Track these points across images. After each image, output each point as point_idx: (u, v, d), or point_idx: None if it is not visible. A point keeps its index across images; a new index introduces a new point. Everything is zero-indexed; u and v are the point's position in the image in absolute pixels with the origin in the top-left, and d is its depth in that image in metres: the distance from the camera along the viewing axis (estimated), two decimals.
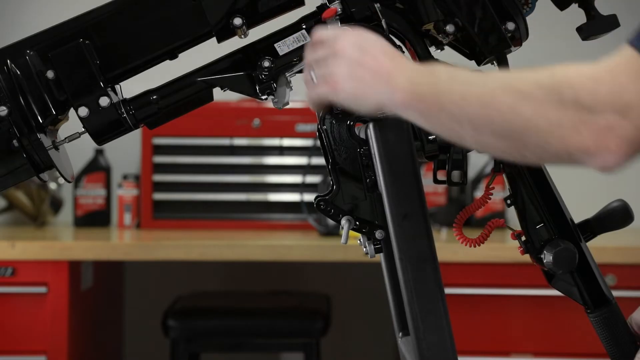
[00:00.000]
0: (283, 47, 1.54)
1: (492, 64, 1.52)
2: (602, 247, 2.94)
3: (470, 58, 1.53)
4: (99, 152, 3.60)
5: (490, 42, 1.49)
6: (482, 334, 2.97)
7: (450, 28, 1.49)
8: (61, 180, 3.66)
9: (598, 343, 2.99)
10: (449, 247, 3.00)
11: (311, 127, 3.45)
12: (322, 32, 1.37)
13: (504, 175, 1.55)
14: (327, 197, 1.51)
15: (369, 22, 1.52)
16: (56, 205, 3.62)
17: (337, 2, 1.51)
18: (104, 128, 1.55)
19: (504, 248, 3.03)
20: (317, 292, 3.59)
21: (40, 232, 3.43)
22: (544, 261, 1.52)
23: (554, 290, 3.20)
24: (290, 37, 1.54)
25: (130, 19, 1.55)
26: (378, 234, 1.49)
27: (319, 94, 1.34)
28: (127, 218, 3.54)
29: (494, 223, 1.56)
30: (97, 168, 3.60)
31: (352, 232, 1.50)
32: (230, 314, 3.28)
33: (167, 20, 1.55)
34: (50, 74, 1.52)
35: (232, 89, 1.56)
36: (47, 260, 2.98)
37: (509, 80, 1.19)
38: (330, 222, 3.07)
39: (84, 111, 1.52)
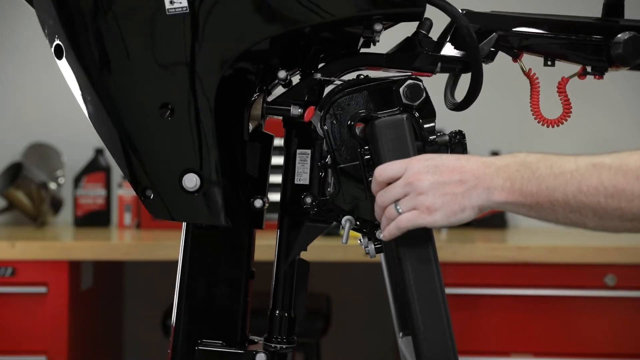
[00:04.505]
0: (303, 176, 1.57)
1: None
2: (602, 247, 2.94)
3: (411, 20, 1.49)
4: (99, 152, 3.60)
5: None
6: (482, 334, 2.97)
7: (377, 27, 1.46)
8: (61, 180, 3.66)
9: (598, 343, 2.99)
10: (449, 247, 3.00)
11: None
12: (385, 170, 1.38)
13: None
14: (327, 197, 1.51)
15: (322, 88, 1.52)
16: (56, 205, 3.62)
17: (296, 107, 1.50)
18: None
19: (504, 248, 3.03)
20: (317, 292, 3.59)
21: (40, 232, 3.43)
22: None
23: (554, 290, 3.20)
24: (297, 165, 1.56)
25: None
26: (379, 234, 1.49)
27: (411, 222, 1.35)
28: (127, 218, 3.54)
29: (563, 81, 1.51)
30: (97, 168, 3.60)
31: (352, 232, 1.50)
32: None
33: None
34: None
35: (309, 242, 1.61)
36: (47, 260, 2.98)
37: (620, 165, 1.25)
38: None
39: None
